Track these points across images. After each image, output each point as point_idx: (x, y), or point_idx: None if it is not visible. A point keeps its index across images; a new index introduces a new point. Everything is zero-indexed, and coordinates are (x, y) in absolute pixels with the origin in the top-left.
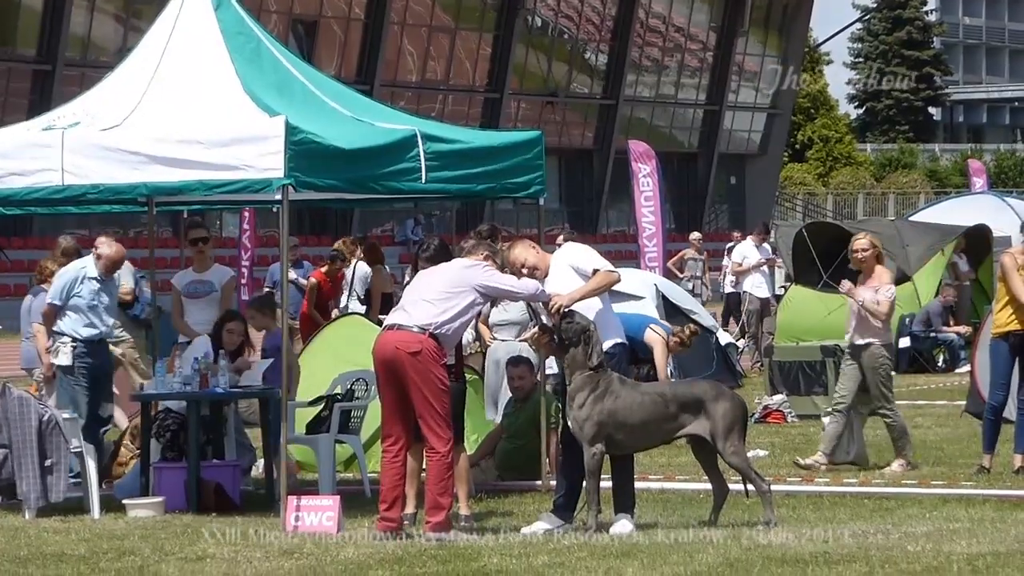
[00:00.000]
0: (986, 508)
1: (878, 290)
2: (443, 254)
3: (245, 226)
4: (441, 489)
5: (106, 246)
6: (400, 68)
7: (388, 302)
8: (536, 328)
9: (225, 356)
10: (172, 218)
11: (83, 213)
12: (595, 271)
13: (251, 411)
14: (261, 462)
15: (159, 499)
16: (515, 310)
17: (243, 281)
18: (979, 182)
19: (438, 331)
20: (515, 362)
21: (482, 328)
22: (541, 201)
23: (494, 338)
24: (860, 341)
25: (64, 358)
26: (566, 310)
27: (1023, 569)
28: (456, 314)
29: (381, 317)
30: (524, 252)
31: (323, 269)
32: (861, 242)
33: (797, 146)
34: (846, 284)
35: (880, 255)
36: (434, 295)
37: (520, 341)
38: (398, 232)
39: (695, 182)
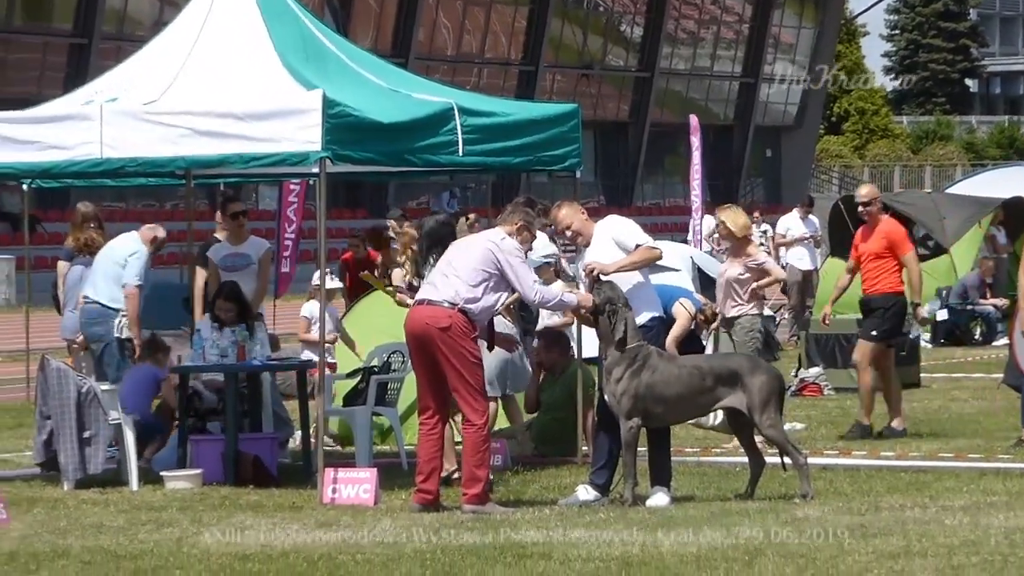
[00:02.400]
0: (1023, 482)
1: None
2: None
3: (291, 199)
4: (478, 461)
5: (162, 230)
6: (435, 41)
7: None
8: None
9: (217, 328)
10: (208, 191)
11: (121, 186)
12: (637, 246)
13: (288, 383)
14: (299, 434)
15: (197, 471)
16: None
17: (285, 254)
18: None
19: (467, 306)
20: (546, 336)
21: None
22: (578, 174)
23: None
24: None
25: (126, 331)
26: (602, 279)
27: None
28: (485, 290)
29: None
30: (572, 215)
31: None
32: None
33: (833, 118)
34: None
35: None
36: (463, 270)
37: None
38: (433, 204)
39: (730, 155)
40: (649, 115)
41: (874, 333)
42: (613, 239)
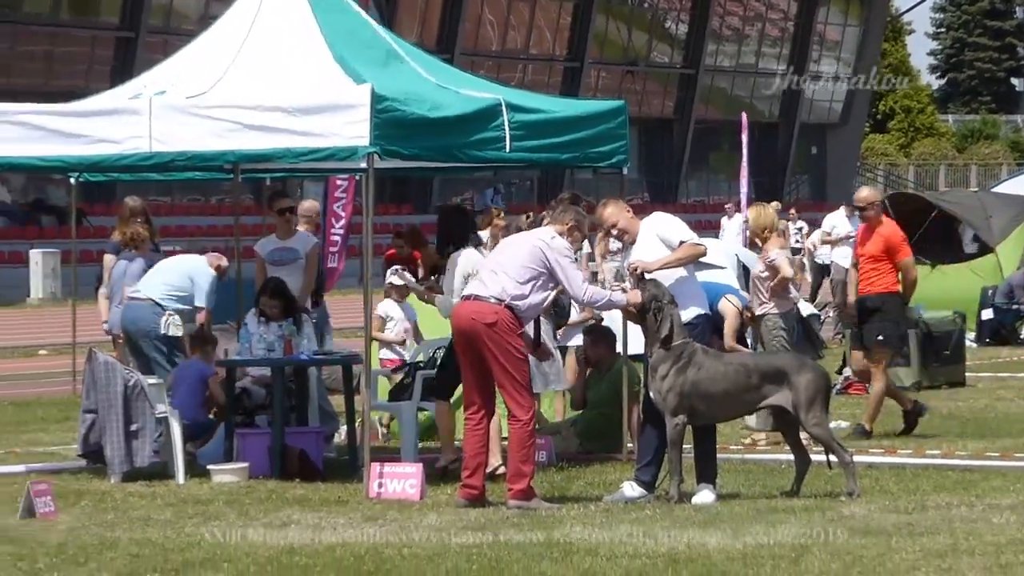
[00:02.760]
0: None
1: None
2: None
3: (337, 194)
4: (523, 457)
5: (224, 260)
6: (480, 37)
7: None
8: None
9: (264, 322)
10: (254, 185)
11: (167, 180)
12: (681, 242)
13: (333, 378)
14: (343, 429)
15: (243, 465)
16: None
17: (332, 249)
18: None
19: (514, 303)
20: (592, 333)
21: None
22: (624, 171)
23: None
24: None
25: (176, 330)
26: (648, 277)
27: None
28: (533, 288)
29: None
30: (617, 213)
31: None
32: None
33: (879, 116)
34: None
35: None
36: (512, 267)
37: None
38: (477, 201)
39: (776, 152)
40: (694, 112)
41: (880, 338)
42: (658, 236)
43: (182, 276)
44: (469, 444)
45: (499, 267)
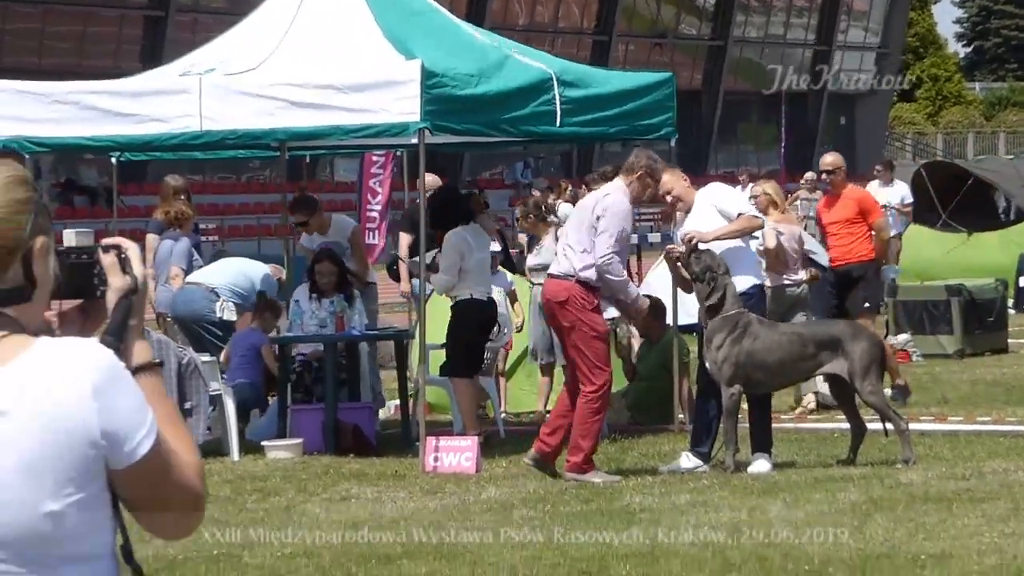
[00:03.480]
0: None
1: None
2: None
3: (374, 170)
4: (584, 431)
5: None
6: (508, 11)
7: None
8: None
9: (316, 298)
10: (289, 164)
11: (201, 159)
12: (739, 214)
13: (383, 353)
14: (391, 404)
15: (298, 441)
16: (549, 254)
17: (371, 225)
18: None
19: (584, 275)
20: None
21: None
22: (672, 142)
23: (531, 282)
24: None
25: (231, 315)
26: (701, 247)
27: None
28: (601, 253)
29: None
30: (673, 181)
31: None
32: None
33: (906, 86)
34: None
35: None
36: (573, 238)
37: None
38: (507, 175)
39: (805, 122)
40: (723, 83)
41: (867, 305)
42: (715, 207)
43: (245, 278)
44: (560, 404)
45: (565, 240)
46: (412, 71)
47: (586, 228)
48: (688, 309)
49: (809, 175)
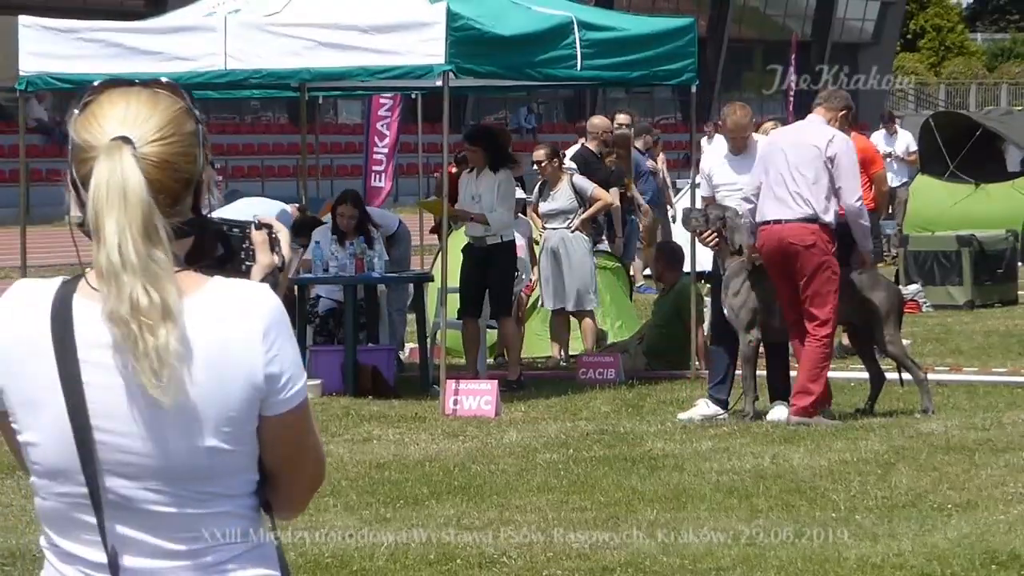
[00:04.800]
0: None
1: None
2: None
3: (381, 113)
4: (814, 375)
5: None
6: None
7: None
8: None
9: (336, 240)
10: (288, 104)
11: (224, 98)
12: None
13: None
14: (409, 347)
15: (316, 381)
16: (563, 199)
17: (378, 168)
18: None
19: (827, 219)
20: (660, 250)
21: (533, 217)
22: (693, 88)
23: (544, 227)
24: None
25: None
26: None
27: None
28: (831, 196)
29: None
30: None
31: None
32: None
33: (909, 36)
34: None
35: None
36: (808, 183)
37: (572, 231)
38: (511, 120)
39: (808, 71)
40: (727, 31)
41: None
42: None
43: (266, 214)
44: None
45: (790, 184)
46: (438, 13)
47: (821, 171)
48: (704, 255)
49: None
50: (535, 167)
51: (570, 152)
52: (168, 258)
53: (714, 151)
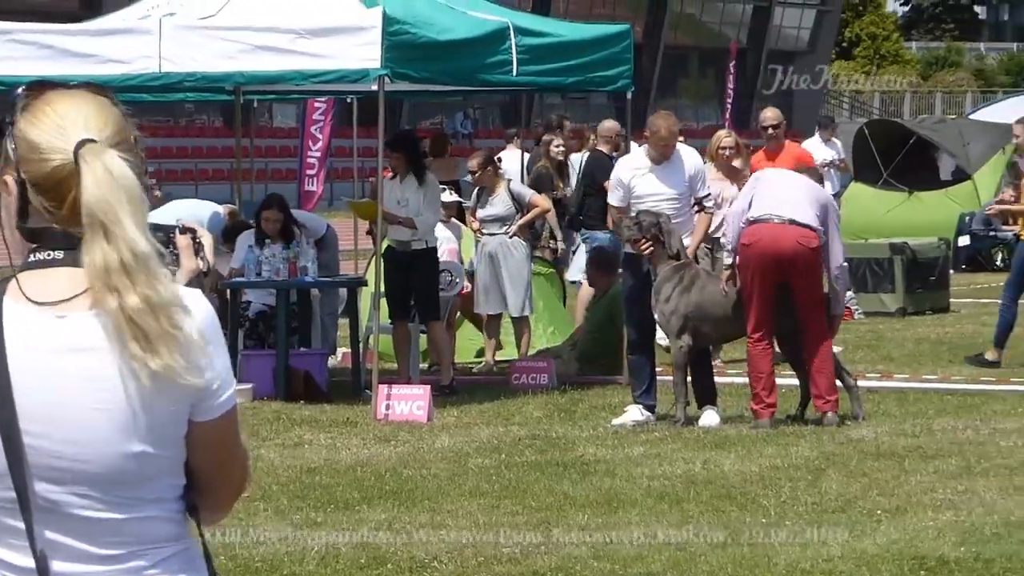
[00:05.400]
0: None
1: None
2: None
3: (315, 116)
4: (831, 371)
5: None
6: None
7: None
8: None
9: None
10: (222, 108)
11: (158, 102)
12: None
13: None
14: (341, 351)
15: (247, 386)
16: (500, 205)
17: (311, 172)
18: None
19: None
20: (594, 256)
21: (471, 221)
22: (629, 95)
23: (481, 232)
24: None
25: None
26: (641, 208)
27: None
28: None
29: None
30: (675, 131)
31: None
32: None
33: (844, 43)
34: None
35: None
36: (806, 204)
37: (510, 236)
38: (447, 125)
39: (743, 79)
40: (663, 38)
41: None
42: (689, 177)
43: (195, 219)
44: (766, 364)
45: (790, 195)
46: (374, 17)
47: (815, 203)
48: None
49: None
50: (470, 176)
51: (578, 156)
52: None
53: (631, 161)
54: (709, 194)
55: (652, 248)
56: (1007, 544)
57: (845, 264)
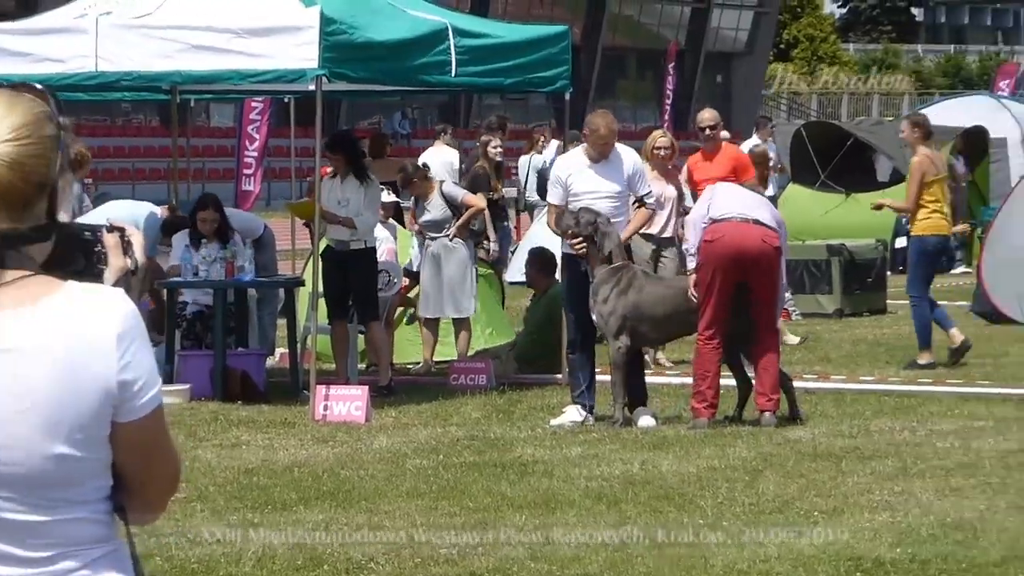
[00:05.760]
0: (1007, 407)
1: None
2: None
3: (252, 116)
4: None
5: None
6: None
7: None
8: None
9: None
10: (159, 107)
11: (95, 101)
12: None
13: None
14: (279, 351)
15: (185, 386)
16: (436, 209)
17: (248, 171)
18: (1005, 84)
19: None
20: (531, 256)
21: (411, 224)
22: (567, 96)
23: (428, 237)
24: None
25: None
26: (581, 206)
27: None
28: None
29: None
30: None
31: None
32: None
33: (782, 45)
34: None
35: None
36: (761, 206)
37: (451, 239)
38: (385, 125)
39: (682, 81)
40: (601, 39)
41: None
42: (628, 176)
43: (132, 218)
44: (714, 363)
45: (752, 196)
46: (311, 17)
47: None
48: None
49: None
50: (402, 191)
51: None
52: None
53: (571, 159)
54: (650, 191)
55: (585, 247)
56: (943, 545)
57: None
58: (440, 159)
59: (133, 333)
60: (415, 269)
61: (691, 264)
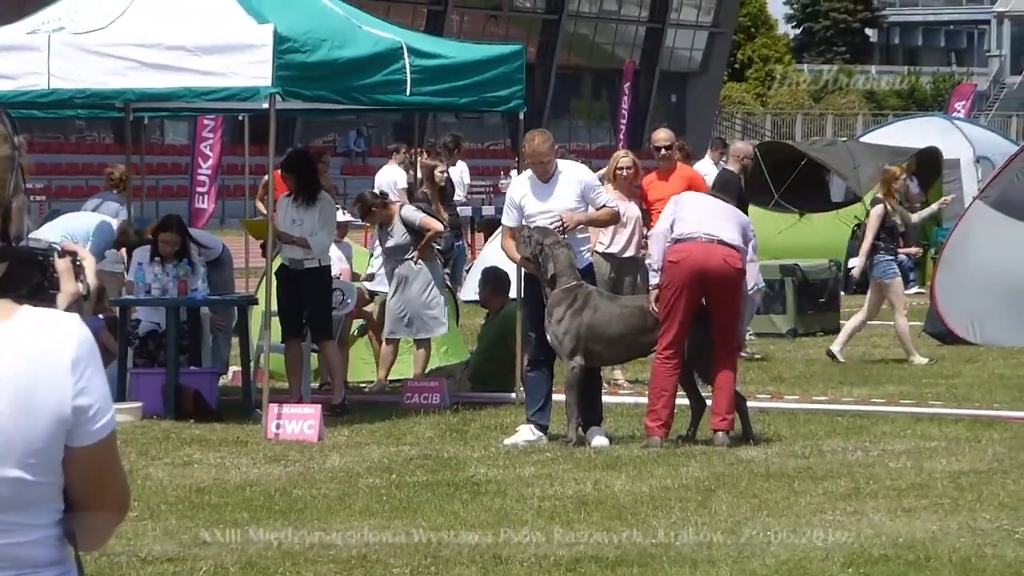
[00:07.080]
0: (959, 427)
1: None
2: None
3: (205, 134)
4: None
5: None
6: None
7: None
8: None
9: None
10: (113, 124)
11: (49, 118)
12: (603, 206)
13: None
14: (232, 370)
15: (137, 404)
16: (398, 234)
17: (201, 189)
18: (960, 106)
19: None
20: (485, 276)
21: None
22: (521, 115)
23: (395, 260)
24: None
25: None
26: (535, 225)
27: (1004, 487)
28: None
29: None
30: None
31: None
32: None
33: (737, 65)
34: None
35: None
36: (731, 224)
37: (416, 262)
38: (340, 143)
39: (636, 100)
40: (556, 58)
41: None
42: (581, 191)
43: (82, 229)
44: (671, 383)
45: (717, 215)
46: (264, 35)
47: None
48: None
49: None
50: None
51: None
52: None
53: (522, 181)
54: (612, 202)
55: (531, 266)
56: (895, 565)
57: (762, 286)
58: (387, 178)
59: (88, 359)
60: (375, 280)
61: (653, 280)
